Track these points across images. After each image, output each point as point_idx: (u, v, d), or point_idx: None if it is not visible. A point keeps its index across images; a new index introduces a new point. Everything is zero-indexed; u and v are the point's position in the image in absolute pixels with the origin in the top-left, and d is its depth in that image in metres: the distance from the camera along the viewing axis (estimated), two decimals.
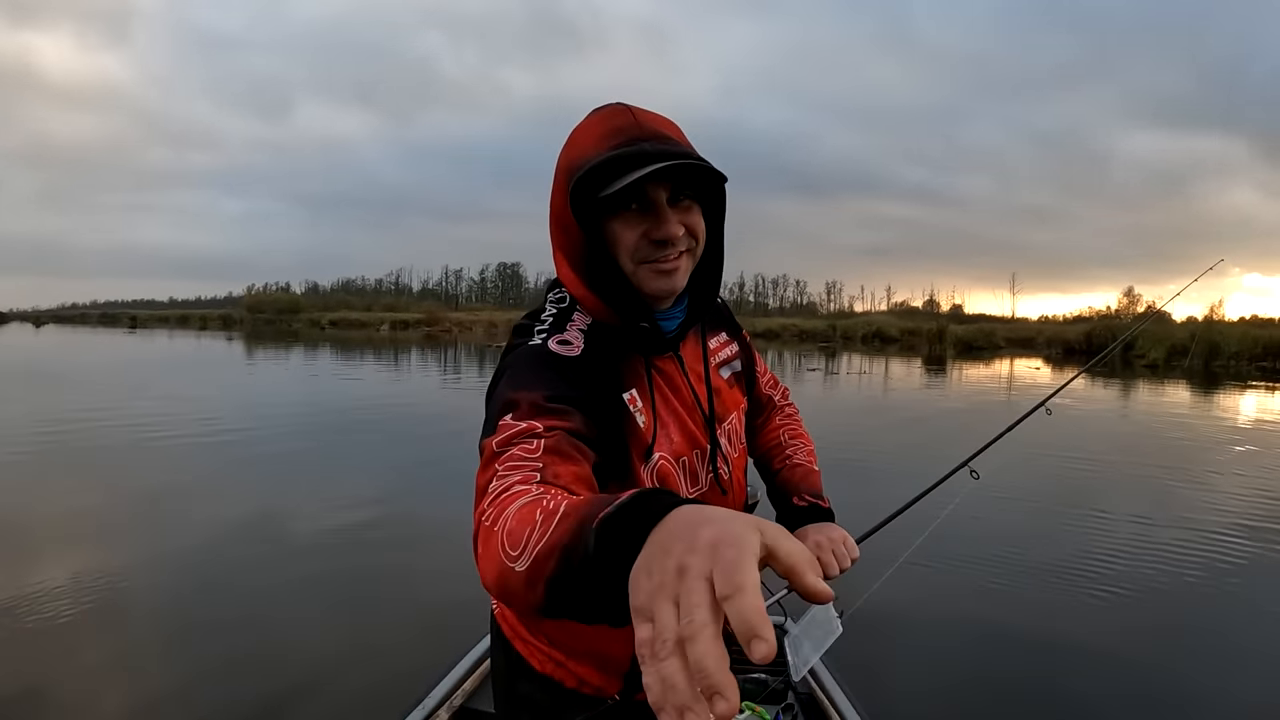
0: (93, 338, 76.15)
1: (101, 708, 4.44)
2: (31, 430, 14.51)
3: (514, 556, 1.02)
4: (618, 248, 1.52)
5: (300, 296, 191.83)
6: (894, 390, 27.97)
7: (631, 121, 1.49)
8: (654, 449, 1.56)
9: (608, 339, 1.59)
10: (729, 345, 1.86)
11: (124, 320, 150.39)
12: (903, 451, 13.25)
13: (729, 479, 1.71)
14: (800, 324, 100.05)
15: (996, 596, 6.49)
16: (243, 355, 46.36)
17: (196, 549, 7.31)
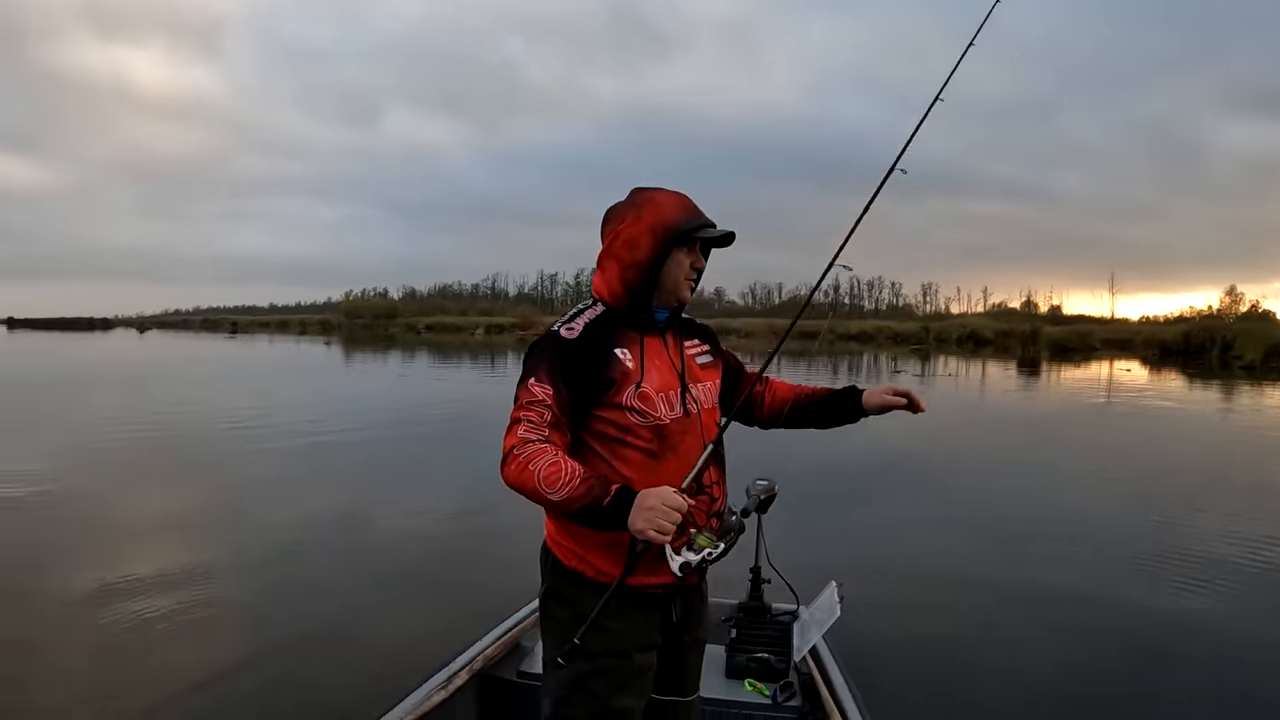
0: (194, 342, 77.93)
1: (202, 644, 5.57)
2: (134, 429, 16.66)
3: (551, 489, 2.11)
4: (673, 266, 2.46)
5: (397, 301, 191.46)
6: (967, 392, 28.57)
7: (694, 205, 2.53)
8: (642, 383, 2.40)
9: (610, 323, 2.47)
10: (702, 348, 2.71)
11: (225, 325, 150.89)
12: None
13: (696, 412, 2.51)
14: (894, 326, 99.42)
15: (1000, 586, 6.99)
16: (339, 359, 48.77)
17: (287, 528, 8.64)
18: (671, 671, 2.63)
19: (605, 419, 2.40)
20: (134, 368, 39.87)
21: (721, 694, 3.62)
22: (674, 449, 2.41)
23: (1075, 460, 13.22)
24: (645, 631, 2.47)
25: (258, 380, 32.14)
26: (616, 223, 2.52)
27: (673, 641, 2.59)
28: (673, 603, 2.53)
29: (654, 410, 2.41)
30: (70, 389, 27.50)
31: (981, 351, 63.32)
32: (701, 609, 2.70)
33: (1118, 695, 5.01)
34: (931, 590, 6.92)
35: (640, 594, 2.41)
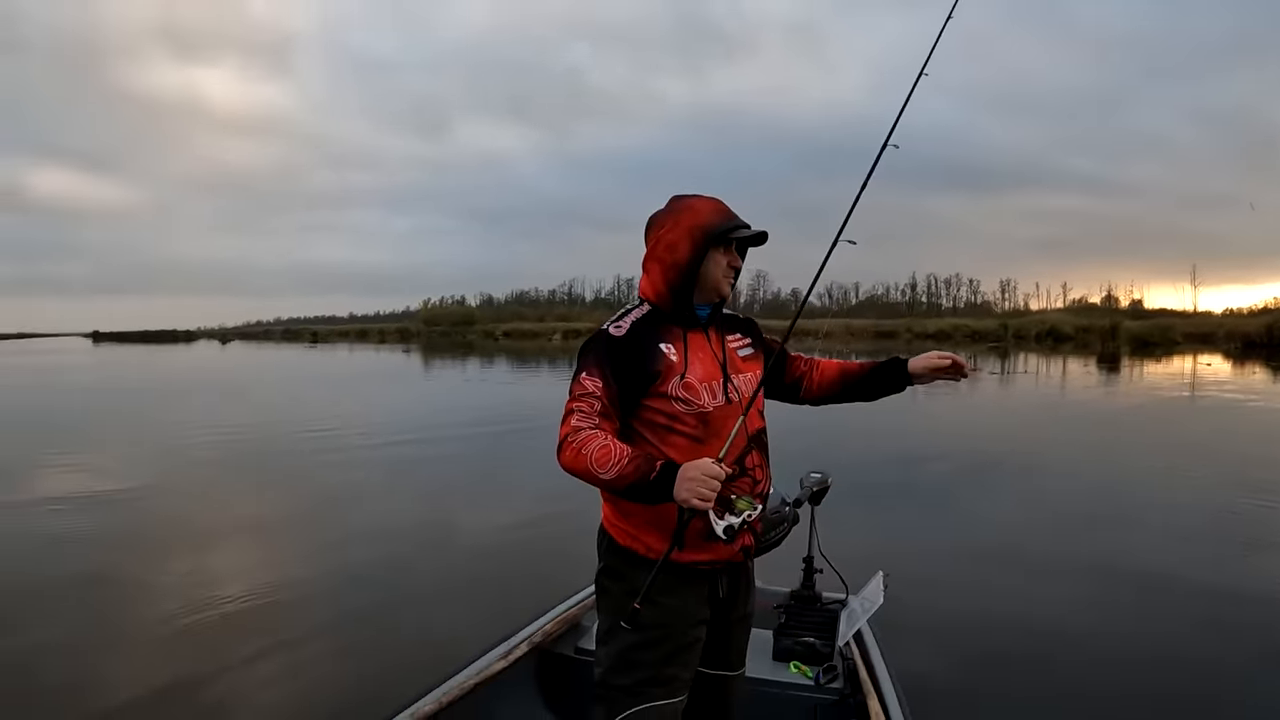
0: (275, 352, 78.97)
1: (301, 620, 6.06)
2: (217, 436, 17.13)
3: (603, 469, 2.30)
4: (711, 265, 2.65)
5: (474, 309, 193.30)
6: (1041, 389, 28.16)
7: (728, 208, 2.70)
8: (686, 374, 2.58)
9: (656, 321, 2.66)
10: (744, 340, 2.87)
11: (305, 335, 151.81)
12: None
13: (737, 399, 2.66)
14: (972, 324, 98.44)
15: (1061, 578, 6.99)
16: (419, 366, 49.24)
17: (375, 523, 9.19)
18: (720, 647, 2.79)
19: (653, 408, 2.57)
20: (219, 377, 40.87)
21: (767, 675, 3.77)
22: (717, 434, 2.56)
23: (1150, 456, 12.98)
24: (694, 606, 2.63)
25: (340, 387, 33.09)
26: (657, 228, 2.71)
27: (721, 618, 2.74)
28: (720, 580, 2.69)
29: (698, 399, 2.58)
30: (162, 397, 28.40)
31: (1061, 348, 62.24)
32: (748, 588, 2.87)
33: (1164, 698, 4.91)
34: (986, 585, 6.96)
35: (689, 570, 2.58)
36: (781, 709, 3.64)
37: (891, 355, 3.02)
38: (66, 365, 54.90)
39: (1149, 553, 7.76)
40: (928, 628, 5.75)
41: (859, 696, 3.50)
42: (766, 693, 3.67)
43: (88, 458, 14.58)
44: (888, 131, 2.96)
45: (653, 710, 2.56)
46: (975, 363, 41.33)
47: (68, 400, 28.42)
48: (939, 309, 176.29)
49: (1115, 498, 10.26)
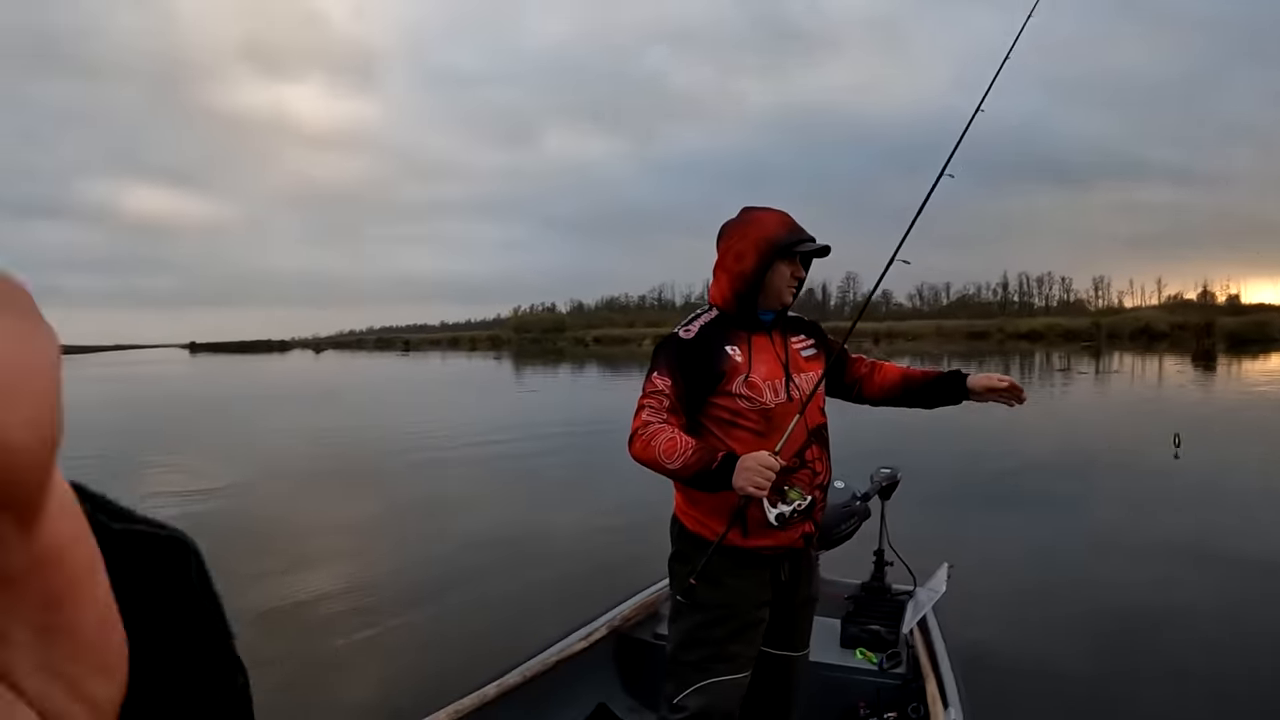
0: (368, 361, 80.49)
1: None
2: (314, 443, 17.85)
3: (670, 459, 2.54)
4: (775, 276, 2.81)
5: (565, 315, 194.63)
6: (1128, 389, 27.41)
7: (794, 221, 2.86)
8: (750, 374, 2.78)
9: (723, 325, 2.87)
10: (808, 342, 3.03)
11: (398, 344, 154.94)
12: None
13: (798, 395, 2.83)
14: (1065, 323, 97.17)
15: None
16: (510, 373, 49.76)
17: (464, 527, 9.43)
18: (784, 629, 2.99)
19: (719, 405, 2.79)
20: (316, 385, 41.95)
21: (834, 660, 3.95)
22: (778, 429, 2.74)
23: (1239, 461, 12.64)
24: (757, 588, 2.83)
25: (432, 394, 33.70)
26: (727, 238, 2.90)
27: (784, 601, 2.94)
28: (782, 564, 2.88)
29: (760, 396, 2.77)
30: (262, 403, 29.42)
31: (1156, 346, 61.05)
32: (810, 573, 3.07)
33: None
34: (1055, 582, 6.94)
35: (754, 554, 2.79)
36: (846, 692, 3.81)
37: (953, 369, 3.13)
38: (166, 375, 56.51)
39: (1235, 554, 7.50)
40: (993, 618, 5.93)
41: (919, 681, 3.64)
42: (833, 677, 3.85)
43: (193, 461, 15.26)
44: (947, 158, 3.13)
45: (717, 685, 2.76)
46: (1069, 363, 40.80)
47: (171, 408, 29.51)
48: (1031, 308, 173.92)
49: (1199, 499, 10.08)
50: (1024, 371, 38.01)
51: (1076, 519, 8.96)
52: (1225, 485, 10.69)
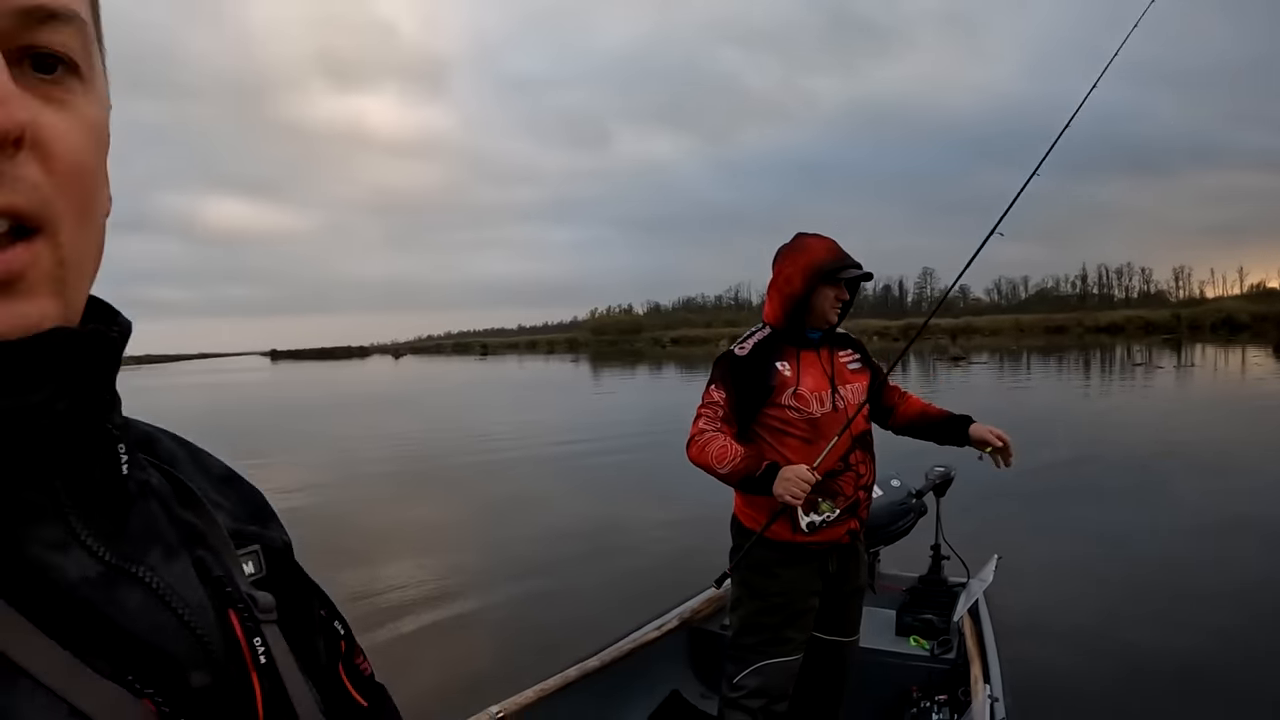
0: (448, 365, 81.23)
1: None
2: (398, 446, 18.43)
3: (720, 464, 2.90)
4: (820, 299, 3.07)
5: (642, 316, 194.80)
6: (1197, 385, 26.62)
7: (839, 249, 3.12)
8: (798, 387, 3.07)
9: (775, 341, 3.15)
10: (854, 356, 3.30)
11: (475, 348, 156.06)
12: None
13: (843, 406, 3.12)
14: (1145, 315, 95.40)
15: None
16: (588, 375, 50.34)
17: (545, 525, 9.86)
18: (835, 616, 3.32)
19: (771, 415, 3.10)
20: (399, 389, 42.65)
21: (889, 647, 4.20)
22: (824, 436, 3.06)
23: None
24: (808, 579, 3.15)
25: (510, 397, 34.41)
26: (780, 262, 3.20)
27: (834, 591, 3.26)
28: (830, 558, 3.19)
29: (808, 407, 3.07)
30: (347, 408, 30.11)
31: (1238, 338, 59.41)
32: (858, 565, 3.35)
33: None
34: (1108, 577, 7.06)
35: (803, 549, 3.11)
36: (900, 676, 4.05)
37: (963, 414, 3.40)
38: (251, 383, 57.64)
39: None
40: (1037, 611, 6.15)
41: (969, 665, 3.85)
42: (887, 662, 4.10)
43: (287, 463, 15.86)
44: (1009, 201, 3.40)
45: (772, 666, 3.10)
46: (1150, 358, 40.10)
47: (261, 412, 30.59)
48: (1111, 300, 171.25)
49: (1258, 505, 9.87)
50: (1103, 367, 37.60)
51: (1127, 514, 9.12)
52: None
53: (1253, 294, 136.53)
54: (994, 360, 45.30)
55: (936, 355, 49.30)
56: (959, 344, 69.17)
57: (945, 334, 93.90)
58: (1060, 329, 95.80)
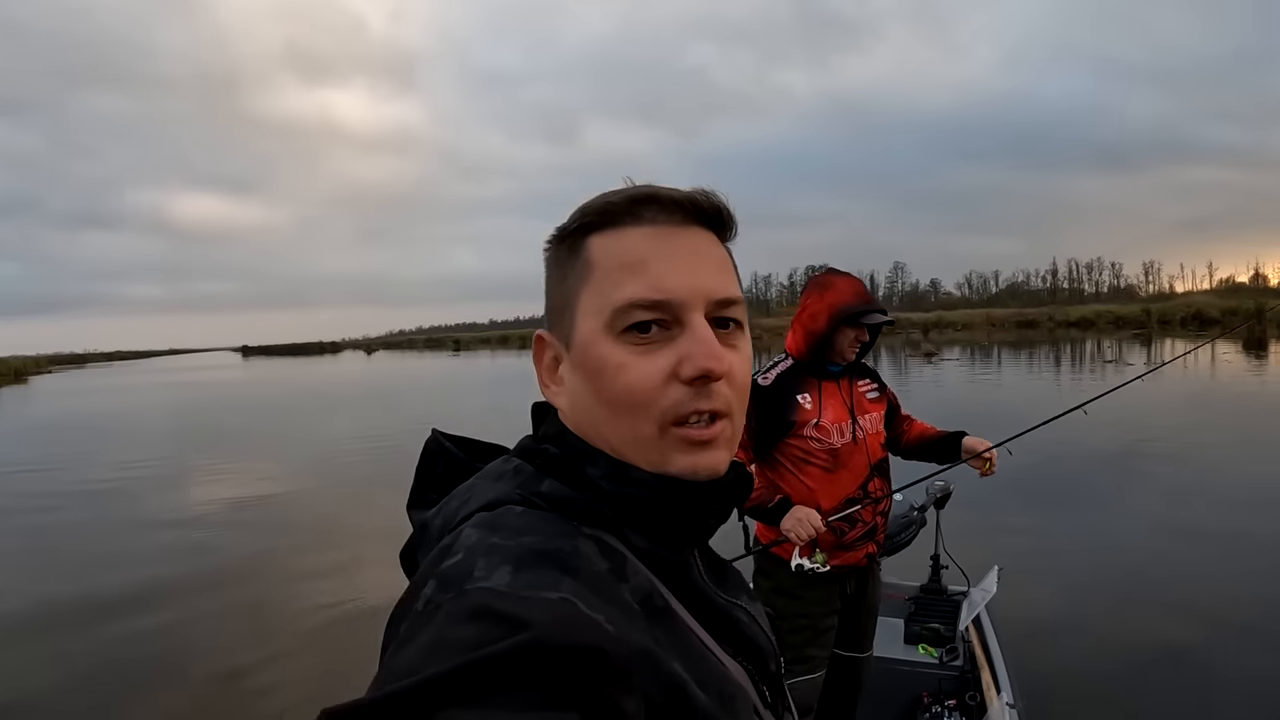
0: (420, 361, 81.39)
1: None
2: (365, 443, 18.49)
3: None
4: (841, 339, 3.25)
5: None
6: (1162, 383, 26.64)
7: (865, 290, 3.31)
8: (820, 420, 3.24)
9: (797, 373, 3.33)
10: (872, 386, 3.48)
11: (448, 344, 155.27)
12: None
13: (862, 437, 3.31)
14: (1115, 310, 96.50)
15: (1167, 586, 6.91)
16: None
17: None
18: (851, 633, 3.55)
19: (793, 445, 3.30)
20: (372, 386, 42.50)
21: (899, 655, 4.40)
22: (844, 465, 3.30)
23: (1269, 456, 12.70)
24: (828, 600, 3.37)
25: (483, 393, 33.83)
26: (806, 297, 3.39)
27: (852, 610, 3.49)
28: (848, 580, 3.42)
29: (829, 438, 3.28)
30: (322, 405, 29.75)
31: (1207, 332, 59.71)
32: (875, 585, 3.60)
33: None
34: (1094, 582, 7.19)
35: (827, 572, 3.27)
36: (911, 683, 4.25)
37: (957, 430, 3.62)
38: (223, 380, 57.48)
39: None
40: (1037, 616, 6.30)
41: (976, 672, 4.10)
42: (898, 670, 4.29)
43: (258, 463, 15.95)
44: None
45: (799, 684, 3.27)
46: (1120, 354, 40.51)
47: (233, 409, 30.39)
48: (1081, 295, 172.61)
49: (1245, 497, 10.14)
50: (1074, 363, 37.89)
51: (1115, 519, 9.25)
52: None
53: (1222, 289, 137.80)
54: (965, 356, 45.58)
55: (909, 351, 49.64)
56: (931, 339, 69.62)
57: (917, 328, 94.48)
58: (1031, 323, 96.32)
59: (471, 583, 0.67)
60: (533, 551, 0.71)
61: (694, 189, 0.88)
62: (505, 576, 0.68)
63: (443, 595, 0.67)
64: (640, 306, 0.82)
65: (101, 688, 5.92)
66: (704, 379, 0.81)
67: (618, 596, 0.73)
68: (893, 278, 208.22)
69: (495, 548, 0.72)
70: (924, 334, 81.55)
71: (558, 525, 0.77)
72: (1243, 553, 7.72)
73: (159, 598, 7.82)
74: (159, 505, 12.55)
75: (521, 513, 0.78)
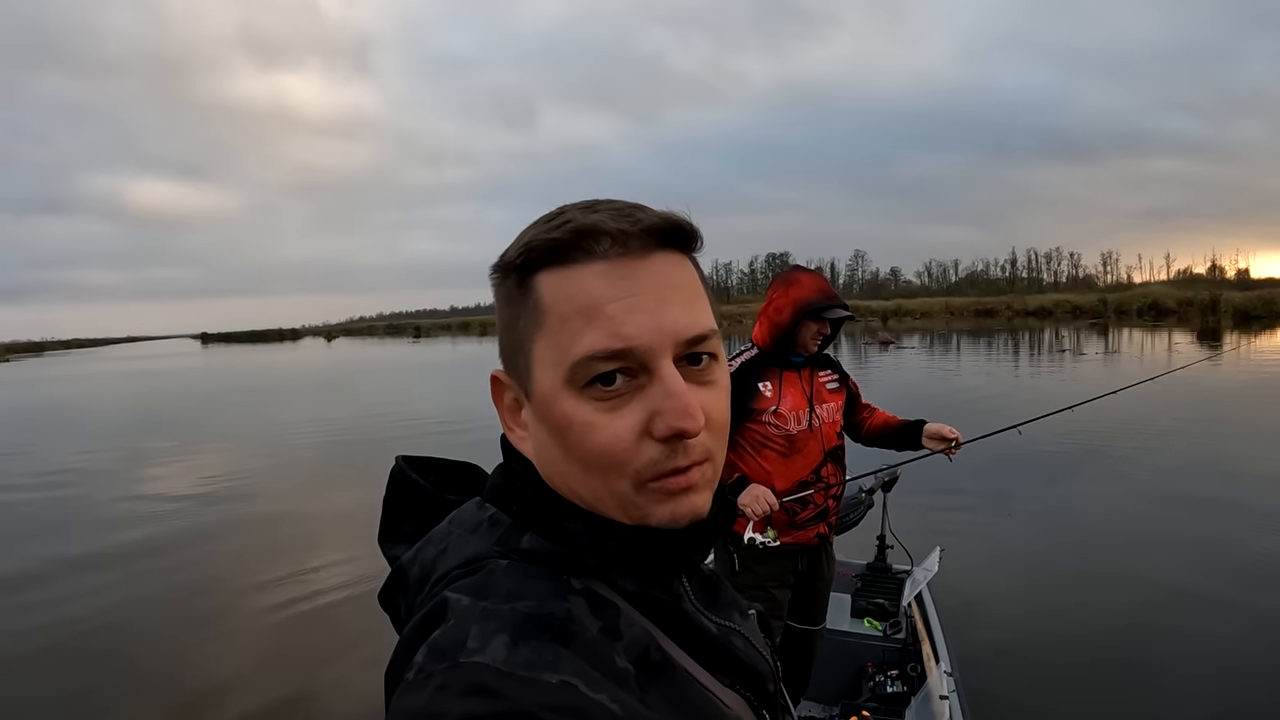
0: (380, 349, 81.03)
1: None
2: (326, 430, 18.79)
3: None
4: (803, 332, 3.43)
5: None
6: (1116, 370, 25.70)
7: (828, 287, 3.47)
8: (779, 407, 3.43)
9: (759, 363, 3.52)
10: (833, 376, 3.67)
11: (409, 330, 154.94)
12: None
13: (819, 426, 3.50)
14: (1074, 299, 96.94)
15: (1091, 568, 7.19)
16: None
17: None
18: (805, 607, 3.81)
19: (753, 430, 3.52)
20: (331, 374, 42.38)
21: (846, 628, 4.66)
22: (800, 450, 3.53)
23: (1207, 447, 12.94)
24: (780, 574, 3.61)
25: (443, 379, 34.22)
26: (773, 291, 3.59)
27: (805, 585, 3.75)
28: (799, 557, 3.66)
29: (786, 424, 3.50)
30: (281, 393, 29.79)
31: (1164, 322, 60.60)
32: (827, 562, 3.85)
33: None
34: (1029, 563, 7.52)
35: (779, 548, 3.51)
36: (857, 654, 4.53)
37: (918, 417, 3.82)
38: (182, 368, 57.04)
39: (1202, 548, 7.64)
40: (975, 593, 6.59)
41: (917, 645, 4.35)
42: (845, 641, 4.55)
43: (223, 444, 15.99)
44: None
45: None
46: (1078, 342, 40.89)
47: (193, 396, 30.39)
48: (1040, 284, 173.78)
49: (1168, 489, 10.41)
50: (1031, 351, 38.19)
51: (1056, 504, 9.51)
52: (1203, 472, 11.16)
53: (1179, 280, 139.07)
54: (924, 344, 45.91)
55: (867, 339, 49.93)
56: (889, 327, 70.00)
57: (877, 316, 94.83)
58: (990, 312, 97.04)
59: (466, 654, 0.66)
60: (527, 619, 0.70)
61: (655, 213, 0.83)
62: (502, 650, 0.67)
63: (435, 665, 0.67)
64: (601, 359, 0.76)
65: (43, 687, 5.82)
66: (678, 437, 0.77)
67: (613, 664, 0.72)
68: (853, 266, 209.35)
69: (488, 613, 0.70)
70: (883, 322, 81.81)
71: (546, 584, 0.76)
72: (1180, 537, 8.00)
73: (106, 585, 7.89)
74: (111, 495, 12.57)
75: (507, 569, 0.77)
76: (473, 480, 0.99)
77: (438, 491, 0.95)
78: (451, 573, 0.78)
